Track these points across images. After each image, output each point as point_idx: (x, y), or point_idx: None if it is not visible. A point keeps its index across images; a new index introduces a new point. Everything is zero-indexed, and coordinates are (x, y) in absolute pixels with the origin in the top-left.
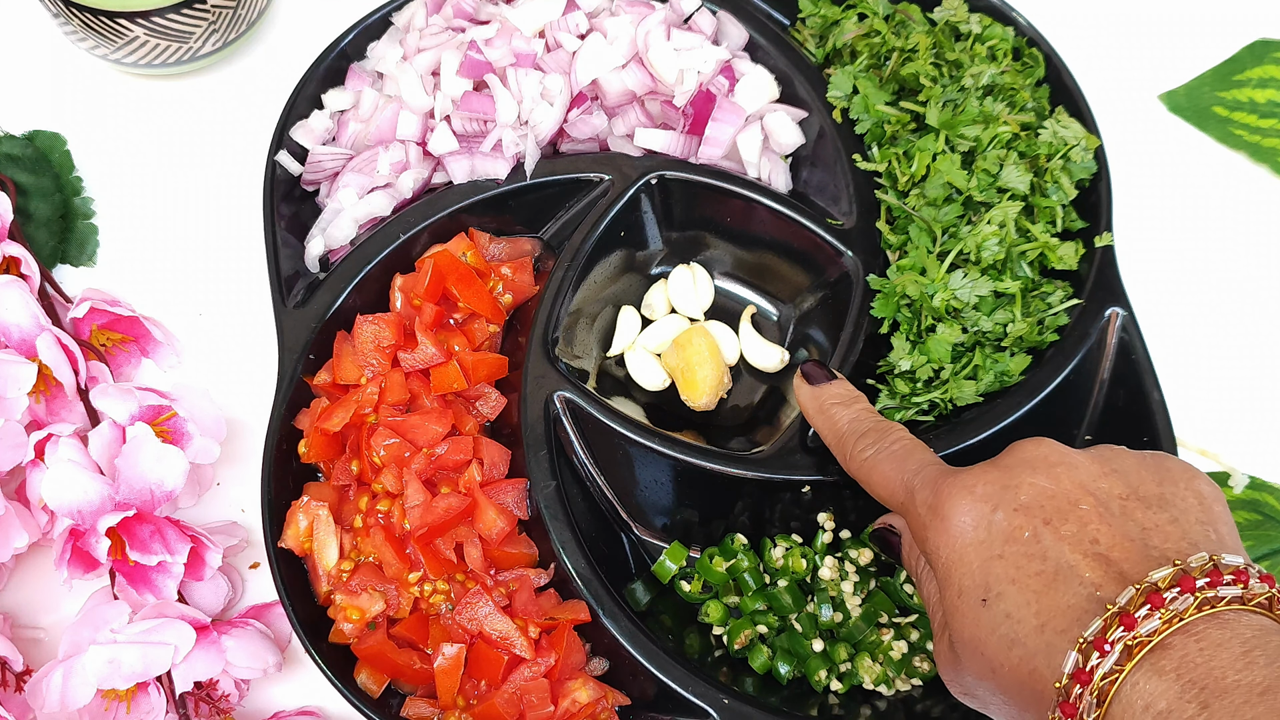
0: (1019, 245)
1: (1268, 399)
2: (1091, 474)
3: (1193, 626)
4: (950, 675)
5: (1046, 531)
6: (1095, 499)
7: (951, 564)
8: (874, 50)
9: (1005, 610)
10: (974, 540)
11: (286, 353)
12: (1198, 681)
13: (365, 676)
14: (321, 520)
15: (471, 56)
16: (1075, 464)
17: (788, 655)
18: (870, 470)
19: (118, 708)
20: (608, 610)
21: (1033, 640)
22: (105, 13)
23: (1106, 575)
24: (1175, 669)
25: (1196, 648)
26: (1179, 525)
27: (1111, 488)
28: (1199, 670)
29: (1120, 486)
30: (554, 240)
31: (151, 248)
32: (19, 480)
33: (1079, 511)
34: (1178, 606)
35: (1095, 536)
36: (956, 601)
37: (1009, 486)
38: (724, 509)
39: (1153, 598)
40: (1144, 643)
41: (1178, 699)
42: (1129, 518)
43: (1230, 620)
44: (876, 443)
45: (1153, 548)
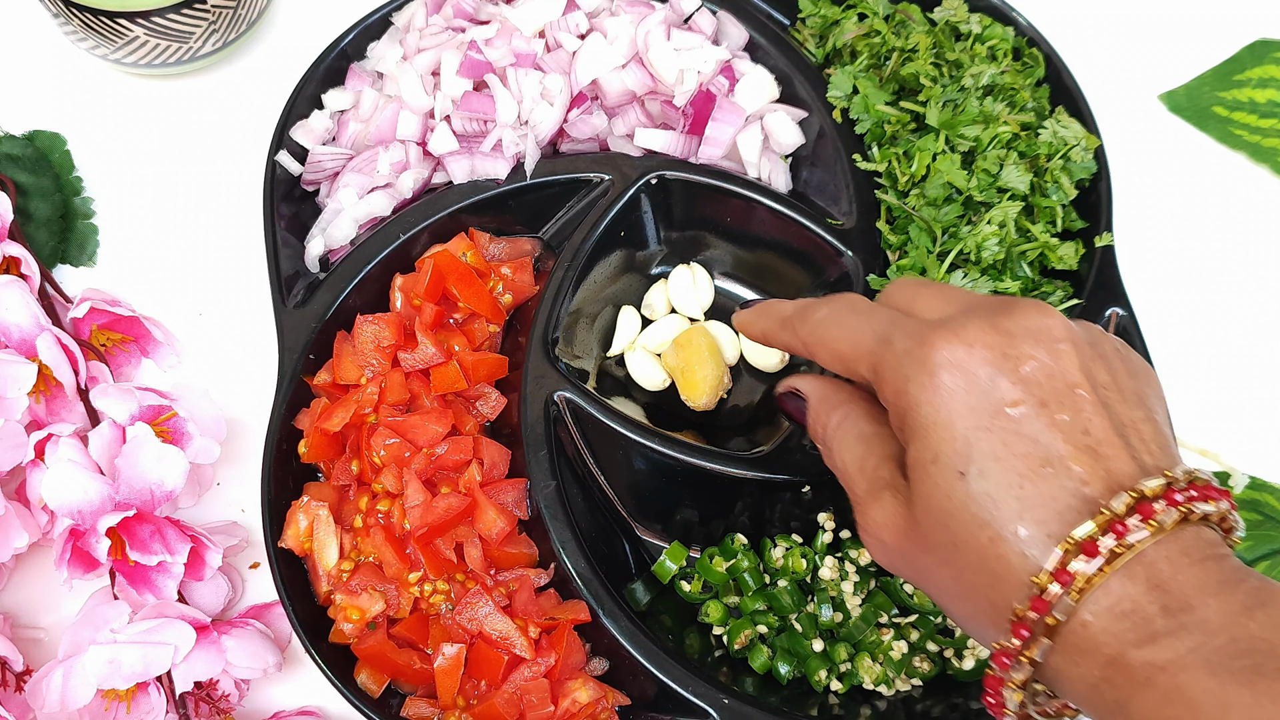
0: (1019, 245)
1: (1268, 399)
2: (1087, 355)
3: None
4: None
5: (1041, 414)
6: (1090, 385)
7: (931, 425)
8: (874, 50)
9: (985, 489)
10: (963, 404)
11: (286, 353)
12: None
13: (365, 676)
14: (321, 520)
15: (471, 56)
16: (1076, 342)
17: (788, 655)
18: (830, 325)
19: (118, 708)
20: (608, 610)
21: (1008, 526)
22: (105, 13)
23: (1093, 471)
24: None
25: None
26: (1151, 423)
27: (1099, 373)
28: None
29: (1105, 373)
30: (554, 240)
31: (151, 248)
32: (19, 480)
33: (1075, 397)
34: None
35: (1086, 427)
36: (930, 466)
37: (1009, 355)
38: (724, 509)
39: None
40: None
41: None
42: (1113, 410)
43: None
44: (831, 302)
45: (1133, 446)
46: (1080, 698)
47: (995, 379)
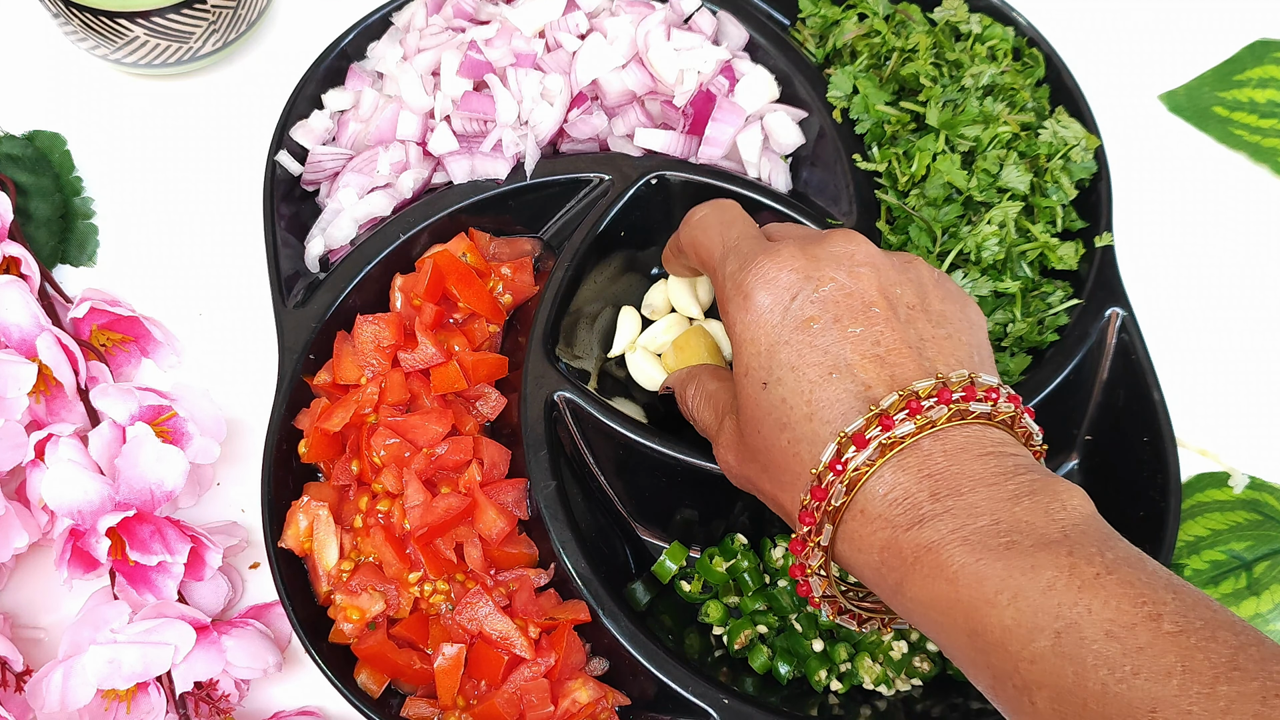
0: (1019, 245)
1: (1268, 399)
2: (889, 279)
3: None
4: (732, 455)
5: (835, 328)
6: (887, 303)
7: (744, 341)
8: (874, 50)
9: (782, 395)
10: (768, 323)
11: (286, 353)
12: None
13: (365, 676)
14: (321, 520)
15: (471, 56)
16: (877, 266)
17: (788, 655)
18: (697, 229)
19: (118, 708)
20: (608, 610)
21: (801, 427)
22: (105, 13)
23: (878, 376)
24: (918, 465)
25: (940, 449)
26: (952, 340)
27: (904, 295)
28: (938, 466)
29: (912, 295)
30: (554, 240)
31: (151, 248)
32: (19, 480)
33: (869, 314)
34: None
35: (877, 339)
36: (743, 380)
37: (811, 278)
38: (724, 509)
39: (912, 404)
40: (897, 442)
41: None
42: (911, 325)
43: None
44: (714, 207)
45: (926, 358)
46: (869, 583)
47: (797, 298)
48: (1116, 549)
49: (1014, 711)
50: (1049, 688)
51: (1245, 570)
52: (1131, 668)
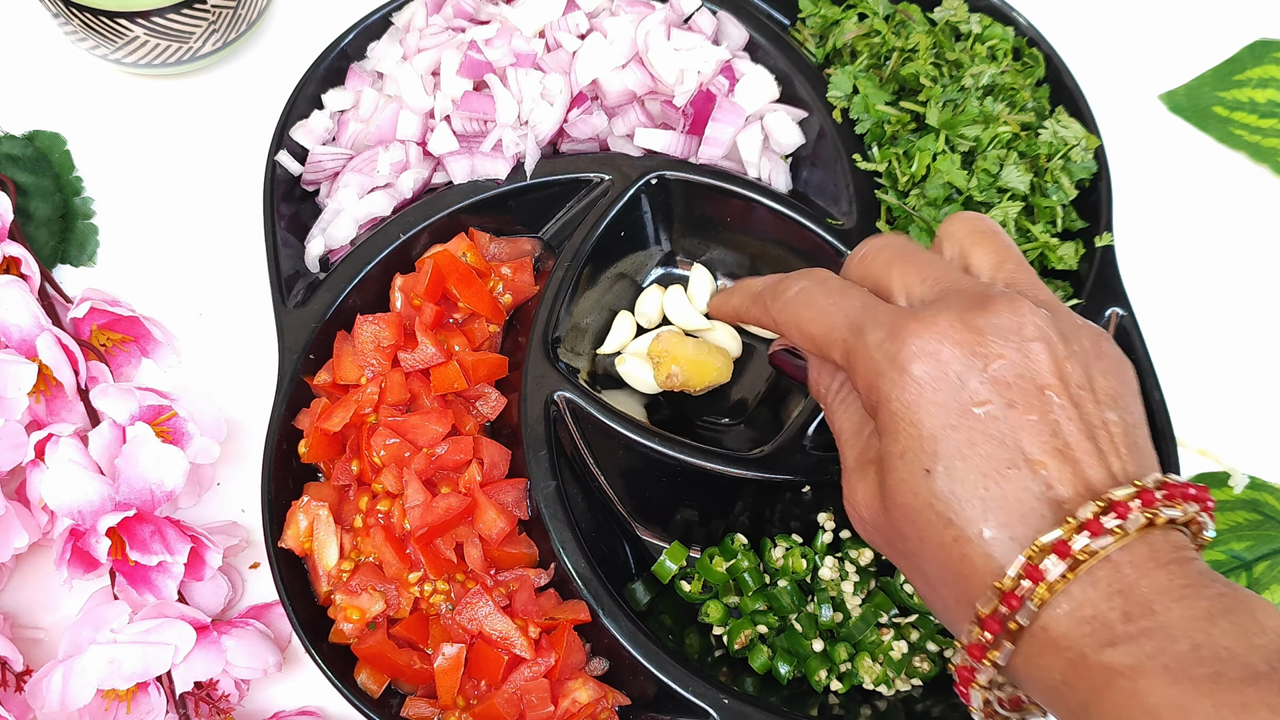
0: (1019, 245)
1: (1268, 399)
2: (1059, 355)
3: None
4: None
5: (1009, 414)
6: (1061, 384)
7: (900, 419)
8: (874, 50)
9: (950, 488)
10: (931, 400)
11: (286, 353)
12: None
13: (365, 676)
14: (321, 520)
15: (471, 56)
16: (1049, 341)
17: (788, 655)
18: (802, 305)
19: (118, 708)
20: (608, 610)
21: (972, 526)
22: (105, 13)
23: (1060, 474)
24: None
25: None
26: (1122, 426)
27: (1074, 373)
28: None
29: (1079, 373)
30: (554, 240)
31: (151, 248)
32: (19, 480)
33: (1044, 398)
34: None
35: (1055, 429)
36: (897, 461)
37: (979, 354)
38: (724, 509)
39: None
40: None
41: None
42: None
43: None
44: (805, 278)
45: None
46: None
47: (964, 377)
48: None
49: None
50: None
51: (1245, 570)
52: None
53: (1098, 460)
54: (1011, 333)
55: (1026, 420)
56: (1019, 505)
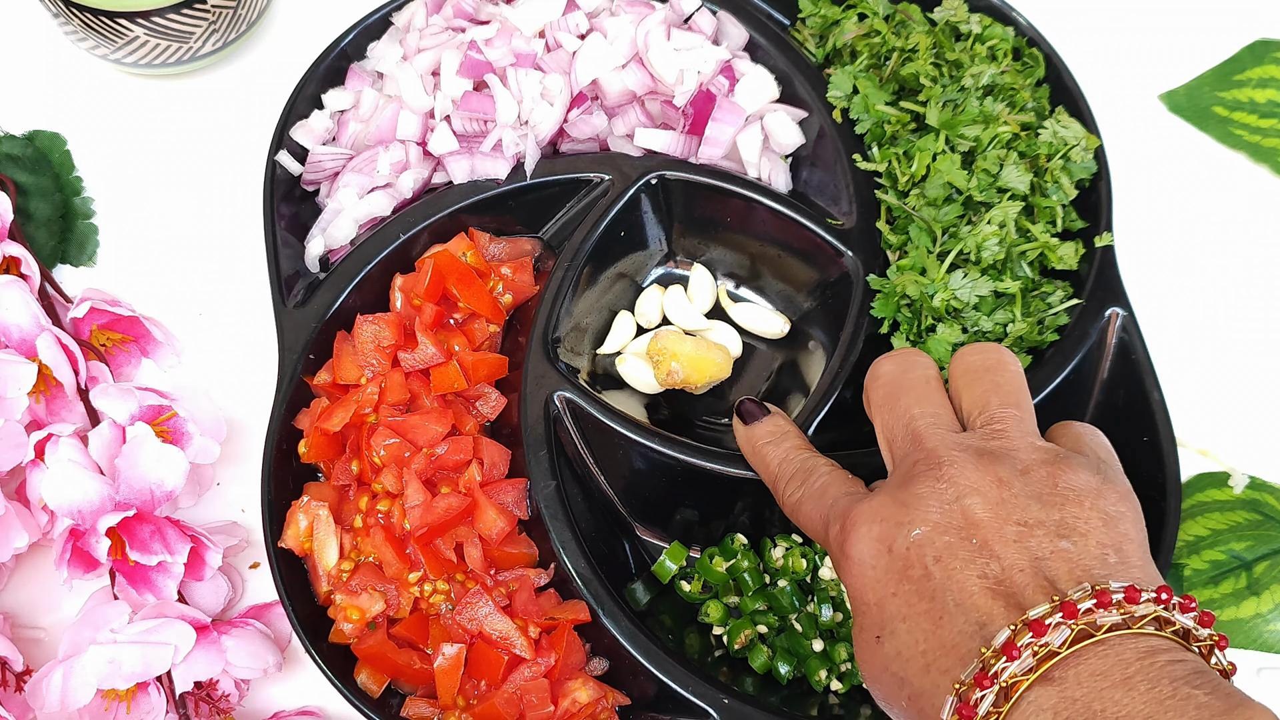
0: (1019, 245)
1: (1268, 399)
2: (989, 502)
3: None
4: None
5: (937, 569)
6: (991, 528)
7: (855, 599)
8: (874, 50)
9: (896, 649)
10: (871, 578)
11: (286, 353)
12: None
13: (365, 676)
14: (321, 520)
15: (471, 56)
16: (976, 492)
17: (788, 655)
18: (796, 511)
19: (118, 708)
20: (608, 610)
21: (919, 680)
22: (105, 13)
23: (993, 609)
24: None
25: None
26: (1076, 550)
27: (1010, 514)
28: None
29: (1019, 513)
30: (554, 240)
31: (151, 248)
32: (19, 480)
33: (968, 546)
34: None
35: (984, 571)
36: (859, 637)
37: (902, 523)
38: (724, 509)
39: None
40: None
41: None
42: (1023, 546)
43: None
44: (802, 484)
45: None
46: None
47: (894, 547)
48: None
49: None
50: None
51: (1245, 570)
52: None
53: (1037, 589)
54: (932, 498)
55: (954, 570)
56: (956, 650)
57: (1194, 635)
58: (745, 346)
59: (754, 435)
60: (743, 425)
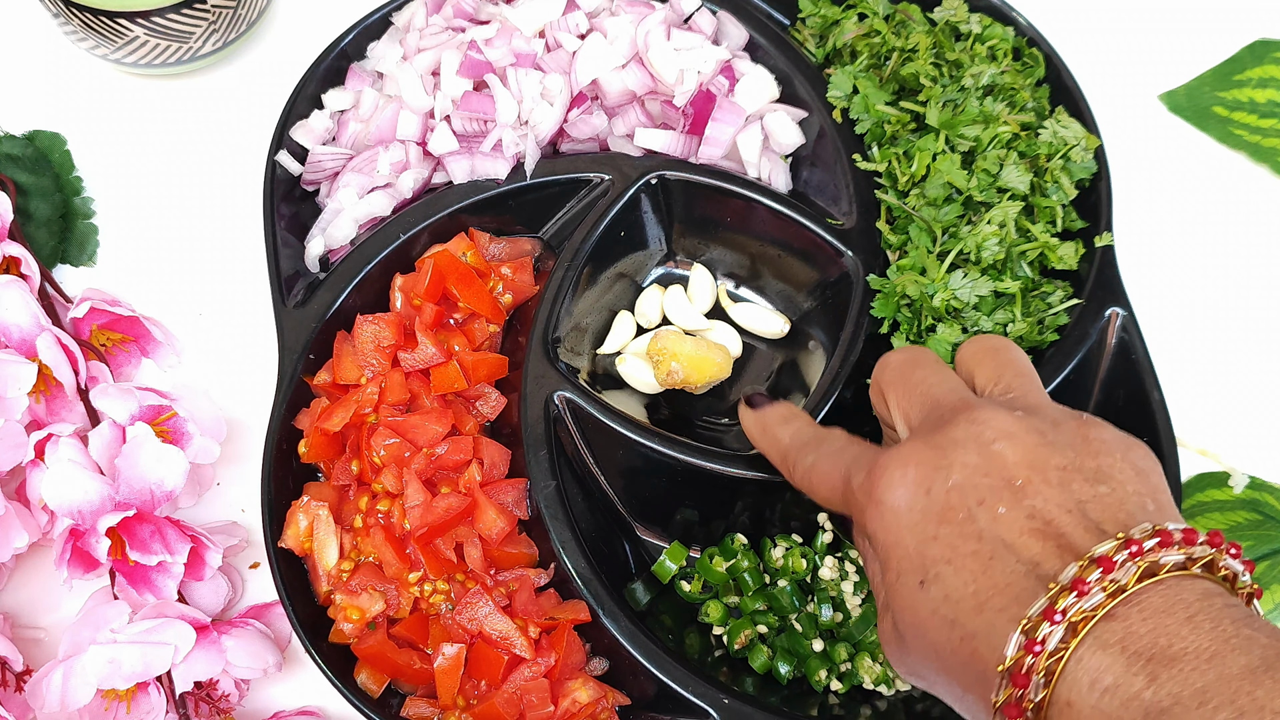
0: (1019, 245)
1: (1268, 399)
2: (1027, 446)
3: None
4: (896, 656)
5: (981, 511)
6: (1033, 472)
7: (889, 547)
8: (874, 50)
9: (943, 592)
10: (908, 522)
11: (286, 353)
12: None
13: (365, 676)
14: (321, 520)
15: (471, 56)
16: (1012, 437)
17: (788, 655)
18: (810, 474)
19: (118, 708)
20: (608, 610)
21: (972, 620)
22: (105, 13)
23: (1045, 550)
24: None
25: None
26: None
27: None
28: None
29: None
30: (554, 240)
31: (151, 248)
32: (19, 480)
33: (1013, 489)
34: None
35: (1031, 512)
36: (896, 584)
37: (940, 467)
38: (724, 509)
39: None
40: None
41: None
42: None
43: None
44: (816, 449)
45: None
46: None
47: (933, 492)
48: None
49: None
50: None
51: None
52: None
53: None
54: (970, 440)
55: (999, 513)
56: (1010, 589)
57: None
58: (745, 346)
59: (765, 417)
60: (752, 410)
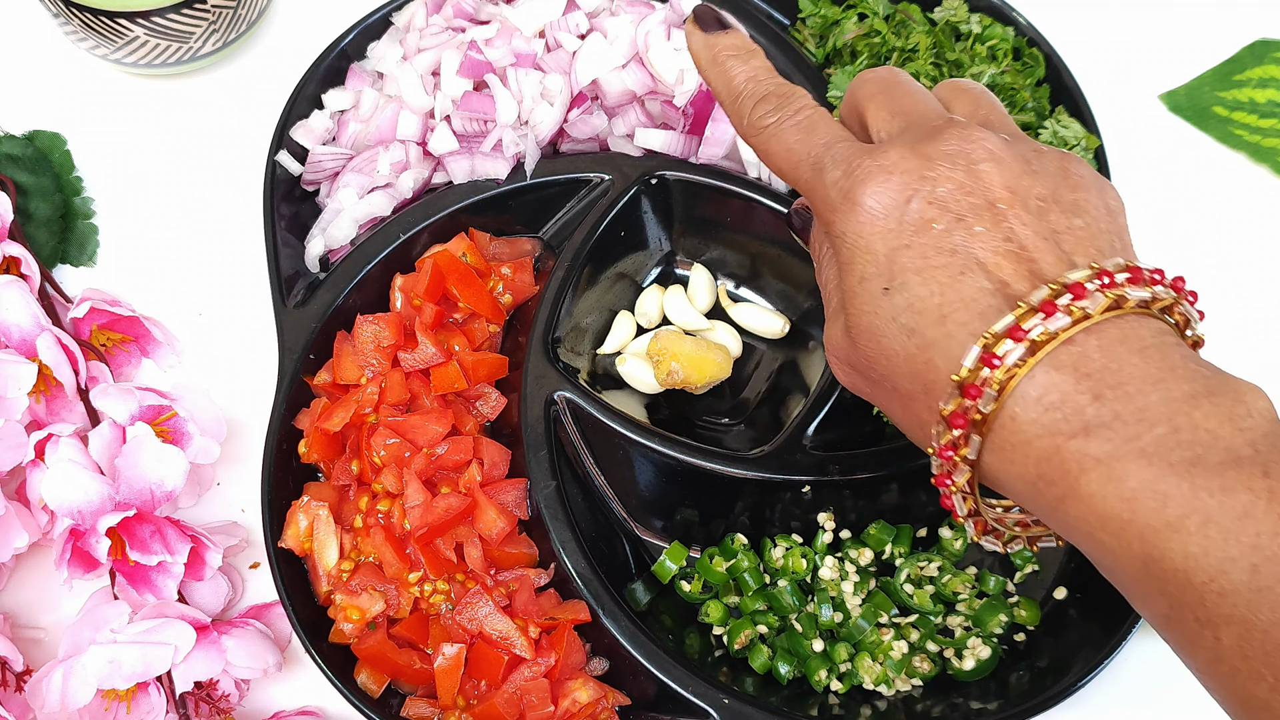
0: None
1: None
2: (1013, 171)
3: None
4: (840, 361)
5: (959, 227)
6: (1014, 197)
7: (856, 249)
8: (874, 50)
9: (907, 300)
10: (883, 228)
11: (286, 353)
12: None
13: (365, 676)
14: (321, 520)
15: (471, 56)
16: (999, 159)
17: (788, 655)
18: (770, 139)
19: (118, 708)
20: (608, 610)
21: (932, 330)
22: (105, 13)
23: (1015, 272)
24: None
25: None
26: (1090, 230)
27: (1031, 186)
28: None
29: (1039, 187)
30: (554, 240)
31: (151, 248)
32: (19, 480)
33: (994, 210)
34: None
35: (1008, 235)
36: (857, 287)
37: (926, 177)
38: (724, 509)
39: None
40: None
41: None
42: (1044, 219)
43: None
44: (779, 109)
45: (1064, 250)
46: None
47: (914, 200)
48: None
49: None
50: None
51: None
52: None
53: (1057, 257)
54: (959, 156)
55: (976, 231)
56: (975, 304)
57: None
58: (745, 346)
59: (716, 44)
60: (699, 30)
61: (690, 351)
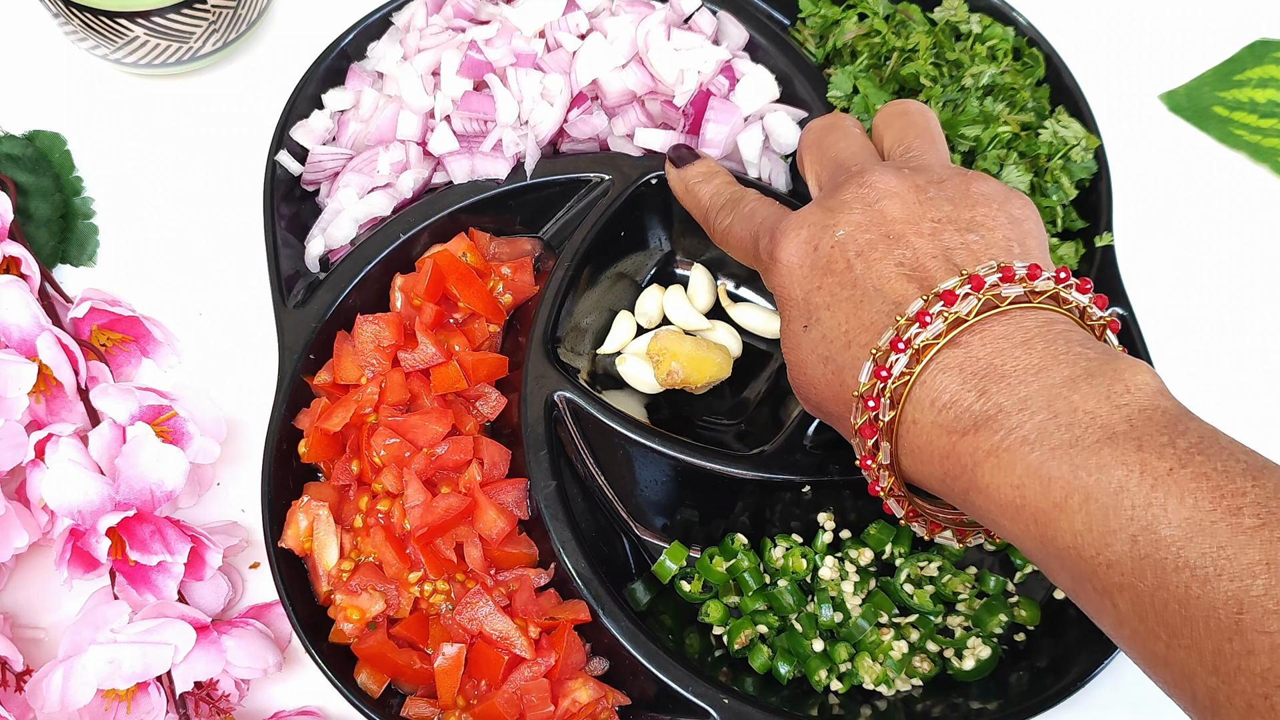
0: None
1: (1268, 399)
2: (907, 203)
3: (980, 326)
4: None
5: (858, 262)
6: (907, 225)
7: (782, 298)
8: (874, 50)
9: (821, 333)
10: (799, 276)
11: (286, 353)
12: (979, 372)
13: (365, 676)
14: (321, 520)
15: (471, 56)
16: (895, 195)
17: (788, 655)
18: (727, 235)
19: (118, 708)
20: (608, 610)
21: (841, 355)
22: (105, 13)
23: (907, 291)
24: (959, 364)
25: (980, 344)
26: (984, 242)
27: (925, 212)
28: (981, 363)
29: (934, 211)
30: (554, 240)
31: (151, 248)
32: (19, 480)
33: (889, 240)
34: (959, 309)
35: (901, 260)
36: (786, 330)
37: (828, 226)
38: (724, 509)
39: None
40: (930, 345)
41: (960, 389)
42: (938, 239)
43: (1015, 317)
44: (732, 210)
45: (955, 264)
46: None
47: (820, 248)
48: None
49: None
50: (1129, 590)
51: None
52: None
53: (948, 272)
54: (856, 201)
55: (873, 262)
56: (874, 326)
57: (1089, 314)
58: (745, 346)
59: (687, 175)
60: (675, 168)
61: (690, 351)
